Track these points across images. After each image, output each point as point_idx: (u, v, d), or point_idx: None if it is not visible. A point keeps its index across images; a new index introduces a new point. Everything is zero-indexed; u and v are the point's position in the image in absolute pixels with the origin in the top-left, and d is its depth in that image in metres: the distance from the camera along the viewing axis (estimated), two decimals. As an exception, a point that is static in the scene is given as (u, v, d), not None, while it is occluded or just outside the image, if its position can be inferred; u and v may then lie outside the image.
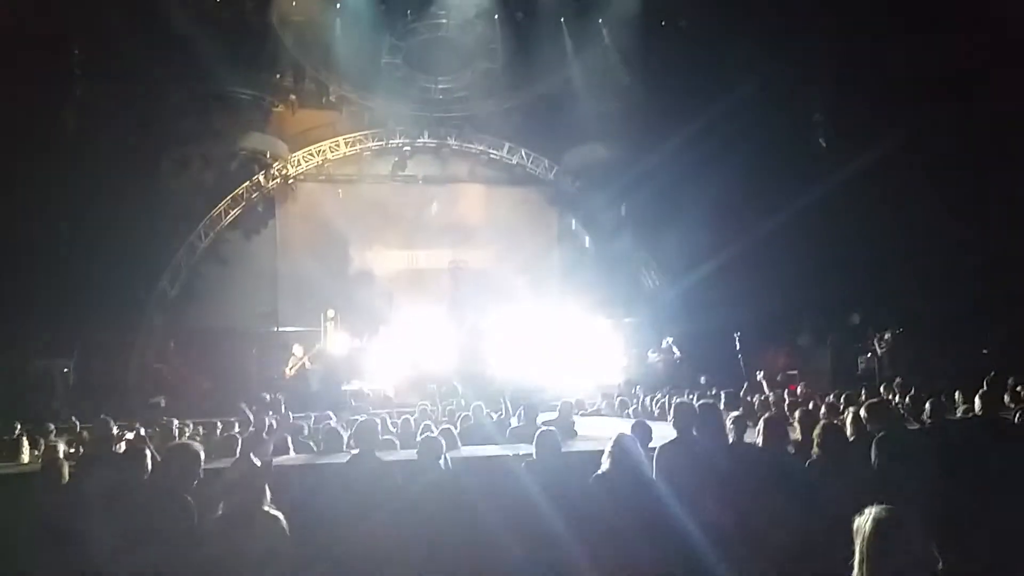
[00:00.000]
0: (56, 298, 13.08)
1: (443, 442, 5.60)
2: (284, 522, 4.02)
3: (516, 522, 4.87)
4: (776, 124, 15.85)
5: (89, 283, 13.41)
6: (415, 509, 4.92)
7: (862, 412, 5.52)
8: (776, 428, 5.15)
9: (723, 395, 8.70)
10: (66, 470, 5.08)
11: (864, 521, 2.43)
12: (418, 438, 5.77)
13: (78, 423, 8.98)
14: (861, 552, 2.40)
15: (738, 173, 15.74)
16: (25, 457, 6.83)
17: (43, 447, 7.00)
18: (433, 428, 6.82)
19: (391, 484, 5.09)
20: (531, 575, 4.62)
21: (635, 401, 10.56)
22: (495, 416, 8.91)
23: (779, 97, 15.86)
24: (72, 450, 5.93)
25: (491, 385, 12.66)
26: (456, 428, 7.29)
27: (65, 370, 13.29)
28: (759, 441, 5.12)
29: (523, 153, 18.72)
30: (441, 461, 5.36)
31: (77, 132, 14.10)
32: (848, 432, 5.30)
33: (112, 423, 6.03)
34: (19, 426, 7.95)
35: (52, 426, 8.55)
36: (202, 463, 4.43)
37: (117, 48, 13.82)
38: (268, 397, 13.58)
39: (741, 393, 10.09)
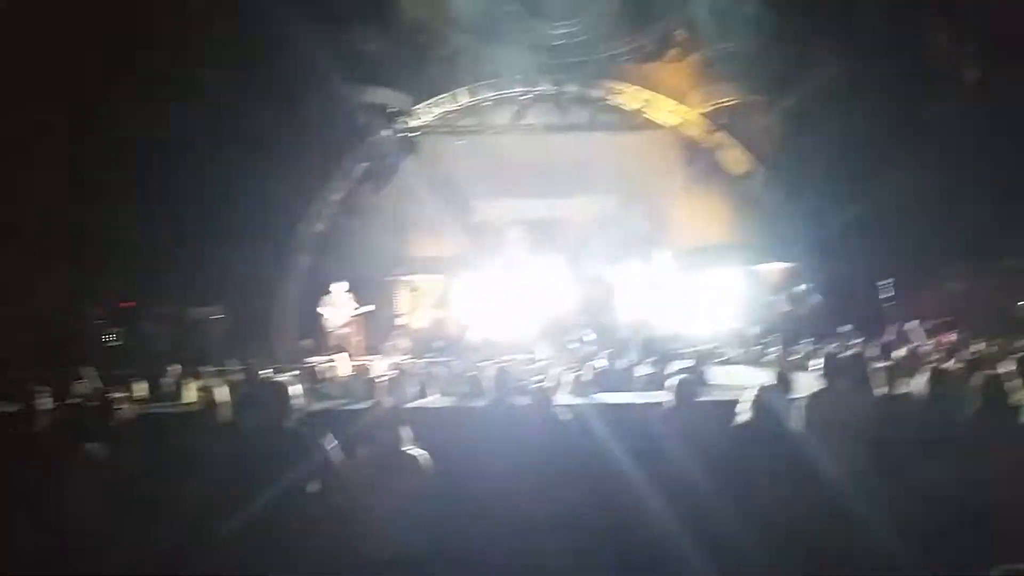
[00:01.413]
0: (206, 250, 13.97)
1: (575, 389, 5.60)
2: (425, 461, 4.14)
3: (648, 472, 4.82)
4: (928, 50, 14.49)
5: (235, 235, 14.21)
6: (548, 455, 4.95)
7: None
8: (931, 380, 4.80)
9: (870, 345, 8.25)
10: (222, 411, 5.42)
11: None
12: (548, 385, 5.80)
13: (230, 365, 9.57)
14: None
15: (884, 103, 14.58)
16: (185, 398, 7.36)
17: (200, 388, 7.52)
18: (564, 376, 6.82)
19: (524, 428, 5.14)
20: (663, 527, 4.56)
21: (773, 350, 10.17)
22: (624, 364, 8.82)
23: (930, 21, 14.48)
24: (226, 391, 6.31)
25: (620, 332, 12.57)
26: (586, 376, 7.26)
27: (217, 316, 14.24)
28: (912, 394, 4.80)
29: (645, 97, 18.11)
30: (571, 408, 5.36)
31: (219, 89, 14.78)
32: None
33: (261, 366, 6.40)
34: (179, 368, 8.54)
35: (207, 368, 9.14)
36: (291, 400, 4.57)
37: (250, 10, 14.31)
38: (402, 342, 14.13)
39: (888, 342, 9.52)
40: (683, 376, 5.31)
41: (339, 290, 14.41)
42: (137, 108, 13.57)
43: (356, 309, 14.32)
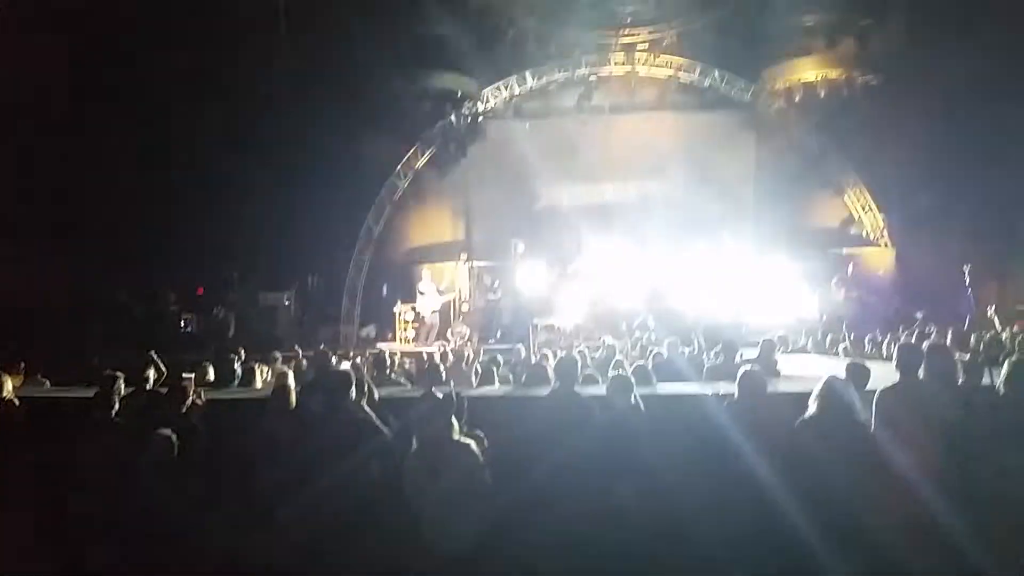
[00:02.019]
0: (277, 238, 14.32)
1: (633, 380, 5.48)
2: (477, 449, 4.13)
3: (714, 465, 4.70)
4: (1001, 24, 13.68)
5: (305, 223, 14.53)
6: (610, 445, 4.87)
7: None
8: (1017, 370, 4.51)
9: (949, 333, 7.86)
10: (293, 396, 5.53)
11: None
12: (609, 374, 5.70)
13: (299, 351, 9.81)
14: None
15: (964, 81, 13.88)
16: (258, 383, 7.55)
17: (273, 374, 7.71)
18: (625, 365, 6.70)
19: (587, 419, 5.06)
20: (727, 523, 4.44)
21: (844, 339, 9.81)
22: (688, 352, 8.62)
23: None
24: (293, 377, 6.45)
25: (683, 320, 12.33)
26: (649, 364, 7.12)
27: (287, 303, 14.59)
28: (1000, 386, 4.51)
29: (716, 75, 17.64)
30: (632, 398, 5.24)
31: (287, 81, 15.08)
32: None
33: (330, 353, 6.52)
34: (245, 355, 8.75)
35: (278, 354, 9.37)
36: (352, 389, 4.65)
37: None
38: (465, 329, 14.21)
39: (968, 329, 9.08)
40: (749, 368, 5.15)
41: (428, 277, 14.61)
42: (206, 106, 13.96)
43: (443, 295, 14.48)
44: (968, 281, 12.54)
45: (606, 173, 17.68)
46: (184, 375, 6.82)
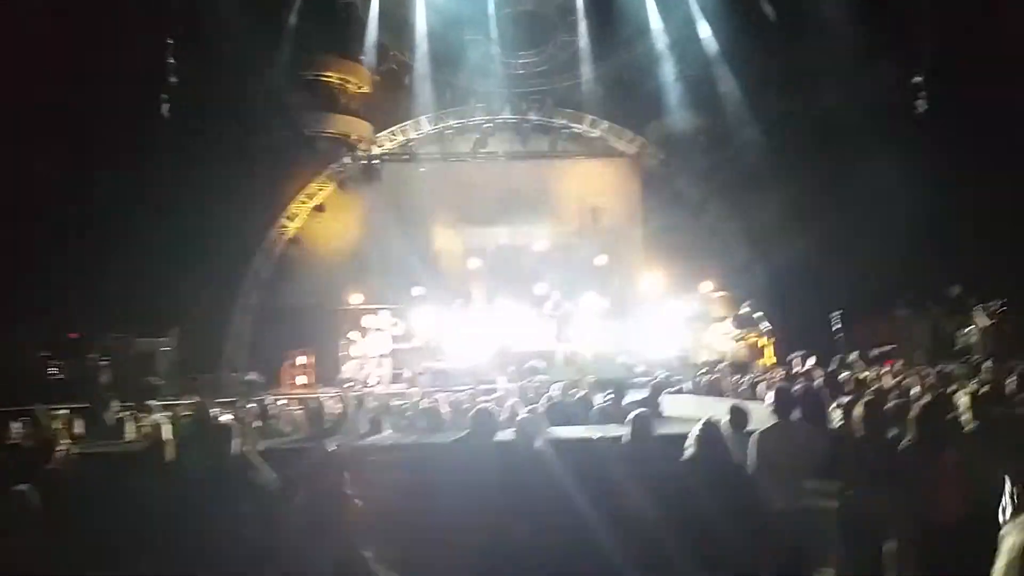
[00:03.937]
0: (156, 280, 13.66)
1: (536, 424, 5.54)
2: (364, 504, 4.04)
3: (609, 506, 4.79)
4: (873, 88, 14.99)
5: (186, 265, 13.95)
6: (507, 491, 4.88)
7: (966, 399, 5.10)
8: (874, 412, 4.82)
9: (820, 374, 8.34)
10: (169, 450, 5.24)
11: (1015, 538, 2.01)
12: (518, 418, 5.73)
13: (178, 400, 9.33)
14: (1007, 570, 2.00)
15: (833, 139, 15.05)
16: (129, 434, 7.12)
17: (147, 426, 7.27)
18: (523, 409, 6.75)
19: (486, 465, 5.06)
20: (624, 561, 4.52)
21: (725, 380, 10.22)
22: (579, 394, 8.76)
23: (876, 60, 14.96)
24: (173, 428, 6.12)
25: (574, 362, 12.55)
26: (541, 407, 7.19)
27: (165, 348, 13.87)
28: (859, 427, 4.81)
29: (605, 126, 18.36)
30: (537, 443, 5.30)
31: (171, 119, 14.61)
32: (964, 418, 4.88)
33: (209, 405, 6.23)
34: (118, 404, 8.25)
35: (155, 403, 8.87)
36: (232, 442, 4.50)
37: (208, 37, 14.22)
38: (356, 374, 13.91)
39: (834, 370, 9.64)
40: (640, 411, 5.28)
41: (382, 317, 14.26)
42: (83, 148, 13.34)
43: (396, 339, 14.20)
44: (837, 325, 13.39)
45: (500, 217, 17.94)
46: (51, 427, 6.35)
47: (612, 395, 7.69)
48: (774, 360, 13.27)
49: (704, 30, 17.27)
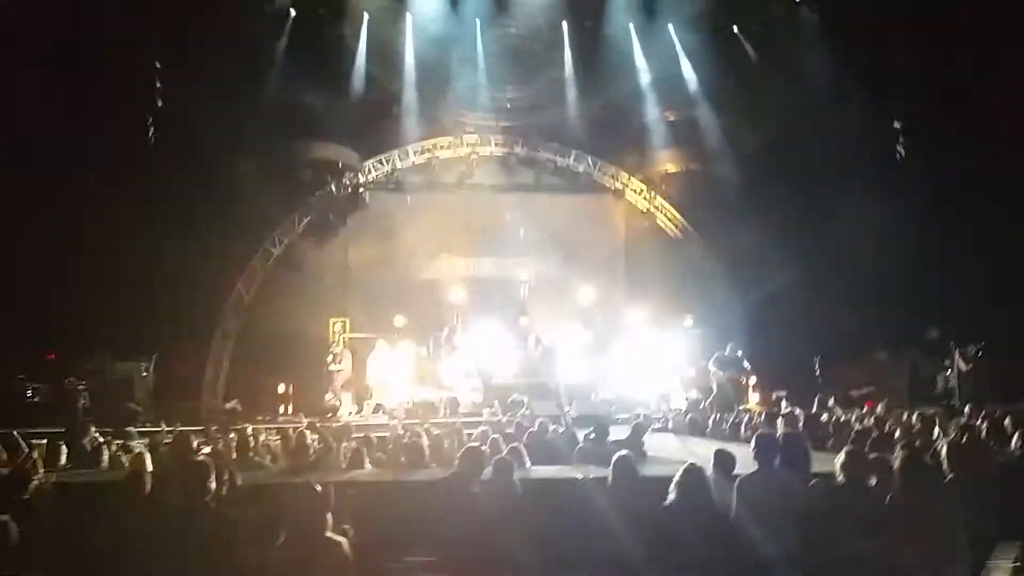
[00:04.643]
0: (137, 303, 13.52)
1: (514, 463, 5.53)
2: (347, 547, 4.00)
3: (592, 549, 4.79)
4: (853, 132, 15.31)
5: (168, 289, 13.83)
6: (489, 531, 4.87)
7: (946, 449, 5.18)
8: (856, 460, 4.87)
9: (801, 417, 8.40)
10: (148, 481, 5.18)
11: None
12: (496, 458, 5.72)
13: (158, 428, 9.20)
14: None
15: (814, 181, 15.34)
16: (105, 464, 7.01)
17: (125, 454, 7.17)
18: (502, 445, 6.74)
19: (470, 504, 5.06)
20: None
21: (709, 420, 10.26)
22: (560, 430, 8.77)
23: (856, 103, 15.31)
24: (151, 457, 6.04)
25: (556, 397, 12.55)
26: (523, 443, 7.16)
27: (144, 373, 13.71)
28: (839, 474, 4.84)
29: (590, 161, 18.57)
30: (515, 481, 5.29)
31: (156, 142, 14.59)
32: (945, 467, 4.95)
33: (191, 436, 6.16)
34: (96, 431, 8.11)
35: (133, 430, 8.77)
36: (211, 480, 4.42)
37: (195, 60, 14.26)
38: (337, 405, 13.81)
39: (817, 413, 9.74)
40: (623, 453, 5.30)
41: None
42: (68, 167, 13.28)
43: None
44: (818, 369, 13.51)
45: (485, 249, 18.01)
46: (29, 454, 6.24)
47: (594, 433, 7.70)
48: (757, 400, 13.38)
49: (687, 69, 17.64)
